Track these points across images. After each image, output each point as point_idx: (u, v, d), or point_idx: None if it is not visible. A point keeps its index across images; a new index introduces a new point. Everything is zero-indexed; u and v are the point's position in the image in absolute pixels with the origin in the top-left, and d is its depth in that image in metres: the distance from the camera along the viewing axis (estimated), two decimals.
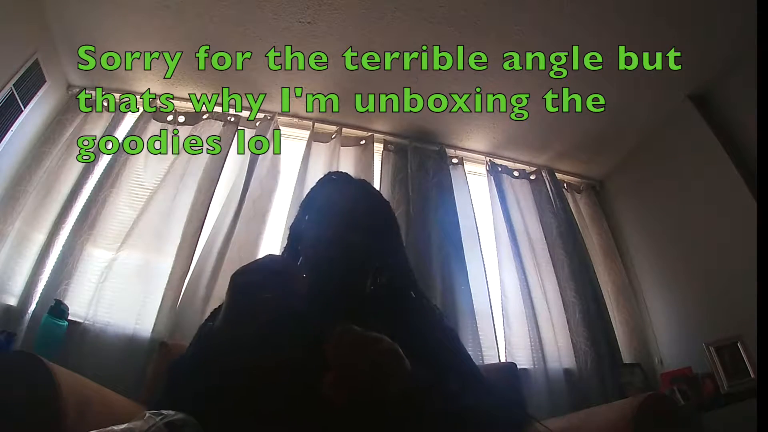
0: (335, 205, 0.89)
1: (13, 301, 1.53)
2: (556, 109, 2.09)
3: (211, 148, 1.98)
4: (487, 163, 2.31)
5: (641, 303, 2.11)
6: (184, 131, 2.04)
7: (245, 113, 2.14)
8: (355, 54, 1.90)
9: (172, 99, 2.12)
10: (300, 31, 1.81)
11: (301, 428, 0.60)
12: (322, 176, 1.03)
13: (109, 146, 1.91)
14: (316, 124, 2.19)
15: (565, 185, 2.42)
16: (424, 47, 1.85)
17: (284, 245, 0.98)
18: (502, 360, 1.73)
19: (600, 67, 1.88)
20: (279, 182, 2.02)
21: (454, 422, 0.64)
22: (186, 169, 1.91)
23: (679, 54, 1.81)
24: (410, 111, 2.16)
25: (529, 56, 1.86)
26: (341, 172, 1.04)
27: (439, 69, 1.93)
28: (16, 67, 1.68)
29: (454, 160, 2.27)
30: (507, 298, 1.90)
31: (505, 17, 1.72)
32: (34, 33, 1.77)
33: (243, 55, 1.93)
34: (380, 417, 0.59)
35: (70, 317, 1.43)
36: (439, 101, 2.10)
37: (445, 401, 0.65)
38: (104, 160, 1.88)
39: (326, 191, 0.96)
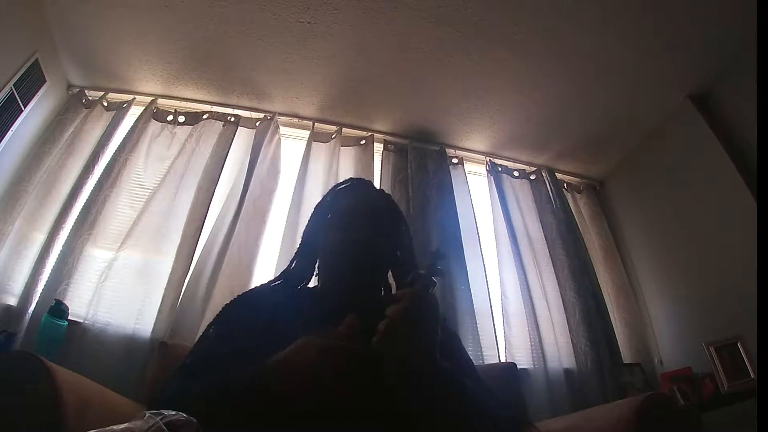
0: (360, 210, 0.91)
1: (13, 301, 1.52)
2: (557, 108, 2.09)
3: (211, 148, 1.98)
4: (487, 163, 2.31)
5: (641, 303, 2.11)
6: (184, 131, 2.04)
7: (245, 113, 2.14)
8: (356, 54, 1.90)
9: (172, 99, 2.12)
10: (300, 31, 1.81)
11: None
12: (341, 182, 1.05)
13: (109, 146, 1.91)
14: (316, 124, 2.19)
15: (565, 185, 2.42)
16: (424, 47, 1.85)
17: (297, 250, 0.99)
18: (502, 360, 1.73)
19: (600, 66, 1.88)
20: (279, 182, 2.02)
21: (455, 423, 0.65)
22: (186, 169, 1.91)
23: (679, 54, 1.81)
24: (410, 111, 2.16)
25: (529, 56, 1.86)
26: (361, 178, 1.08)
27: (440, 69, 1.93)
28: (16, 67, 1.68)
29: (454, 160, 2.27)
30: (507, 298, 1.90)
31: (504, 17, 1.72)
32: (34, 33, 1.77)
33: (243, 55, 1.93)
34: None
35: (70, 317, 1.42)
36: (440, 101, 2.10)
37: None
38: (104, 160, 1.88)
39: (350, 196, 0.97)
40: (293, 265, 0.97)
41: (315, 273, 0.97)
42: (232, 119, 2.10)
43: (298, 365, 0.61)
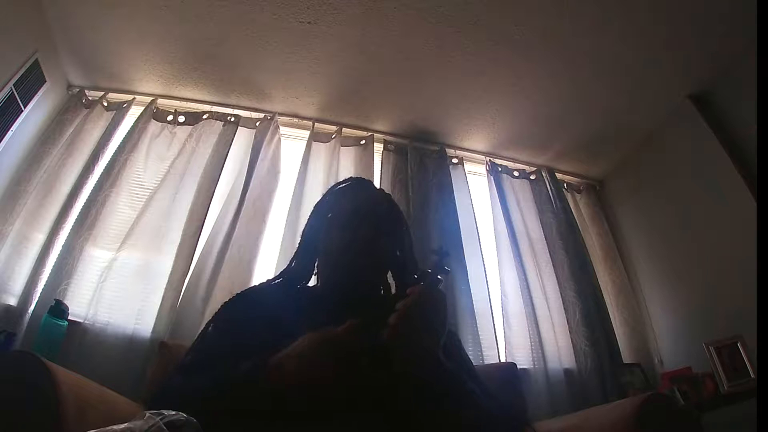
0: (361, 210, 0.91)
1: (13, 301, 1.52)
2: (557, 108, 2.09)
3: (211, 149, 1.98)
4: (487, 163, 2.31)
5: (641, 303, 2.11)
6: (184, 131, 2.04)
7: (245, 113, 2.14)
8: (356, 54, 1.90)
9: (173, 99, 2.12)
10: (300, 31, 1.81)
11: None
12: (341, 181, 1.05)
13: (109, 146, 1.91)
14: (316, 124, 2.19)
15: (565, 185, 2.42)
16: (424, 47, 1.85)
17: (297, 249, 0.99)
18: (502, 360, 1.73)
19: (600, 67, 1.88)
20: (279, 182, 2.02)
21: (455, 422, 0.65)
22: (186, 169, 1.91)
23: (679, 54, 1.81)
24: (410, 111, 2.16)
25: (529, 56, 1.86)
26: (361, 177, 1.08)
27: (440, 69, 1.93)
28: (16, 67, 1.68)
29: (454, 160, 2.27)
30: (507, 298, 1.90)
31: (504, 17, 1.72)
32: (34, 33, 1.77)
33: (243, 55, 1.93)
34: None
35: (70, 317, 1.43)
36: (440, 101, 2.10)
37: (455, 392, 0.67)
38: (104, 160, 1.88)
39: (351, 196, 0.97)
40: (293, 264, 0.97)
41: (314, 272, 0.97)
42: (232, 119, 2.10)
43: (300, 361, 0.61)
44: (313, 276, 0.97)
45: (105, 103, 2.08)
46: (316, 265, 0.96)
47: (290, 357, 0.62)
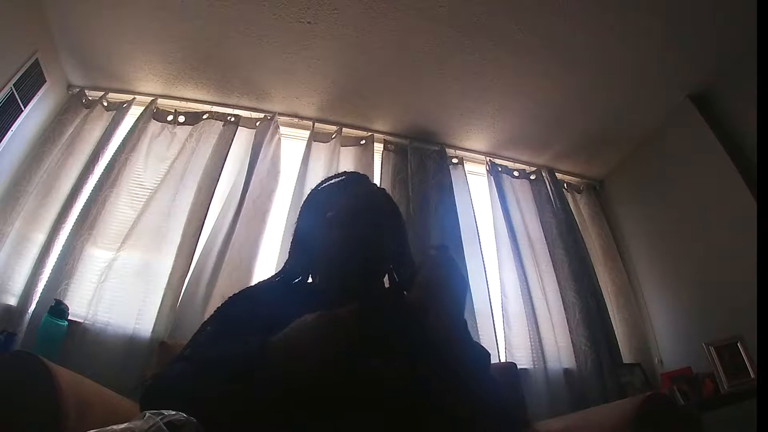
0: (359, 206, 0.90)
1: (13, 301, 1.52)
2: (557, 108, 2.10)
3: (211, 148, 1.98)
4: (487, 163, 2.31)
5: (641, 303, 2.11)
6: (184, 131, 2.04)
7: (245, 113, 2.14)
8: (356, 54, 1.90)
9: (172, 99, 2.12)
10: (300, 31, 1.81)
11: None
12: (332, 176, 1.03)
13: (109, 146, 1.91)
14: (316, 124, 2.19)
15: (565, 185, 2.42)
16: (424, 47, 1.85)
17: (290, 248, 0.98)
18: (502, 360, 1.73)
19: (600, 67, 1.88)
20: (279, 182, 2.02)
21: (454, 419, 0.64)
22: (186, 169, 1.91)
23: (679, 54, 1.81)
24: (410, 111, 2.16)
25: (529, 56, 1.86)
26: (355, 172, 1.05)
27: (440, 69, 1.93)
28: (16, 67, 1.68)
29: (454, 160, 2.27)
30: (507, 298, 1.90)
31: (504, 17, 1.72)
32: (34, 33, 1.77)
33: (243, 55, 1.93)
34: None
35: (70, 317, 1.43)
36: (440, 101, 2.10)
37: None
38: (104, 160, 1.88)
39: (348, 192, 0.96)
40: (288, 264, 0.96)
41: (310, 271, 0.96)
42: (232, 119, 2.10)
43: (302, 340, 0.60)
44: (310, 274, 0.97)
45: (105, 103, 2.08)
46: (312, 263, 0.95)
47: (289, 336, 0.61)
